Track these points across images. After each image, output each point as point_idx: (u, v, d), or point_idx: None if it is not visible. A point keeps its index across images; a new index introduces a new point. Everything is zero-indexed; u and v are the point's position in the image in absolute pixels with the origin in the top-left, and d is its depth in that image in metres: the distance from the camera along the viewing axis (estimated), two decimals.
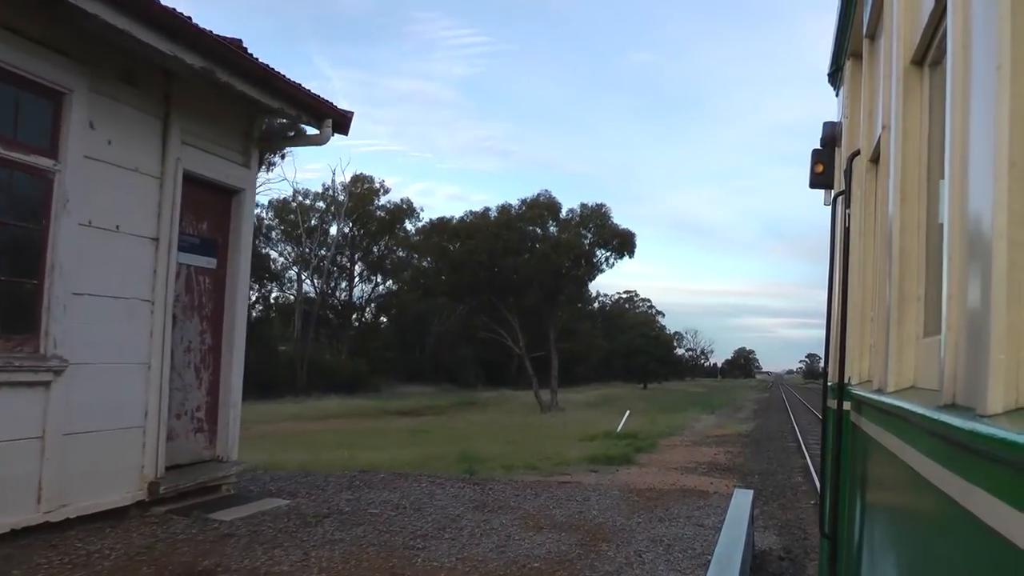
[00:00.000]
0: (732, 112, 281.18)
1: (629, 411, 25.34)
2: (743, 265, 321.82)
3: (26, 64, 4.89)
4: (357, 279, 72.46)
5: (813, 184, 3.81)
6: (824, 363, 3.89)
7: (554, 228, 43.73)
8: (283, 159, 52.82)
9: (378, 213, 69.01)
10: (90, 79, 5.33)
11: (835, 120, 3.81)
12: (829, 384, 3.62)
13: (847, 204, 3.15)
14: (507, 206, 43.84)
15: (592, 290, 78.38)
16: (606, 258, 44.37)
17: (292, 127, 7.07)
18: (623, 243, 43.95)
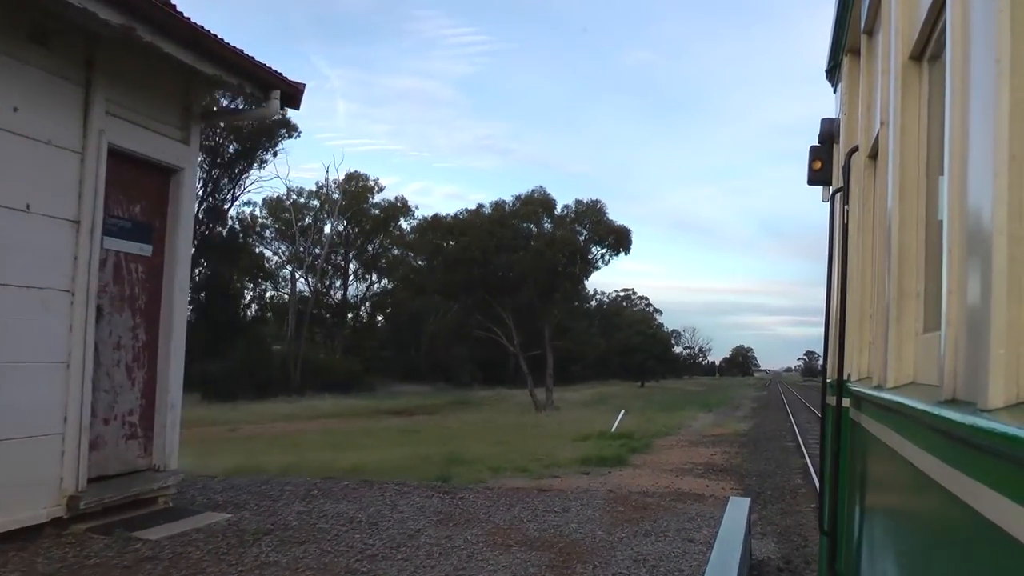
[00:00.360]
0: (730, 110, 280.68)
1: (624, 410, 24.88)
2: (741, 263, 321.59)
3: None
4: (352, 278, 72.39)
5: (811, 181, 3.76)
6: (823, 360, 3.85)
7: (549, 225, 43.29)
8: (275, 156, 52.16)
9: (373, 211, 68.70)
10: None
11: (833, 117, 3.78)
12: (828, 381, 3.56)
13: (845, 201, 3.12)
14: (501, 202, 43.42)
15: (589, 288, 78.46)
16: (601, 255, 44.01)
17: (238, 100, 6.36)
18: (619, 239, 43.50)
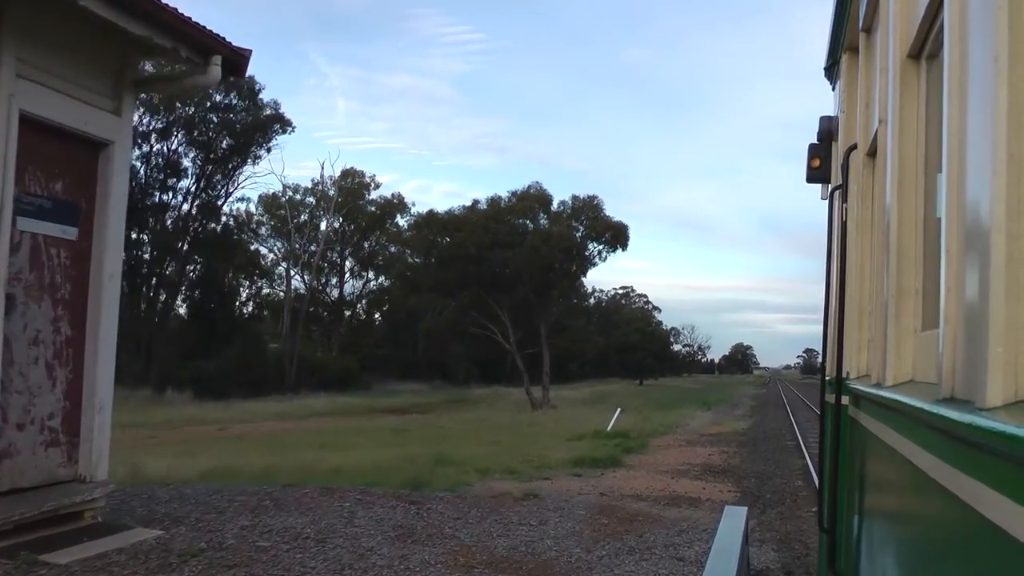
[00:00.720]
0: (729, 107, 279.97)
1: (620, 409, 24.28)
2: (741, 261, 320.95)
3: None
4: (348, 275, 71.83)
5: (810, 179, 3.75)
6: (822, 358, 3.84)
7: (545, 221, 42.65)
8: (269, 152, 51.40)
9: (369, 208, 68.11)
10: None
11: (832, 114, 3.76)
12: (827, 379, 3.55)
13: (844, 198, 3.10)
14: (496, 198, 42.77)
15: (587, 286, 77.85)
16: (598, 251, 43.32)
17: (177, 66, 5.71)
18: (616, 236, 42.82)
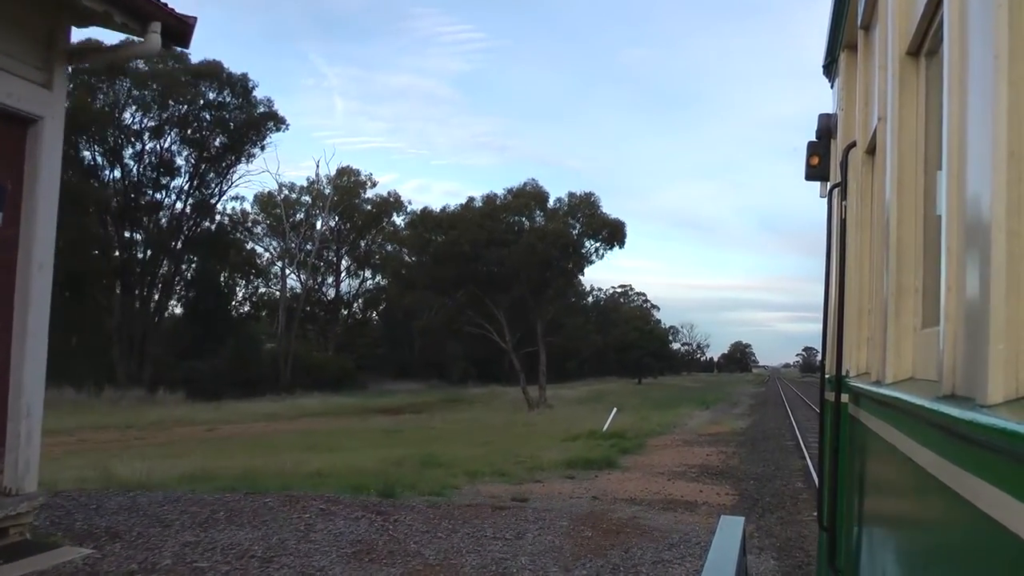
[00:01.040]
0: (728, 105, 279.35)
1: (617, 408, 23.85)
2: (740, 259, 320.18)
3: None
4: (344, 274, 71.36)
5: (809, 177, 3.74)
6: (821, 356, 3.83)
7: (541, 218, 42.17)
8: (263, 150, 50.83)
9: (365, 207, 67.59)
10: None
11: (831, 112, 3.75)
12: (827, 376, 3.53)
13: (843, 196, 3.09)
14: (492, 195, 42.27)
15: (586, 284, 77.40)
16: (595, 249, 42.86)
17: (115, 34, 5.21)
18: (613, 233, 42.34)
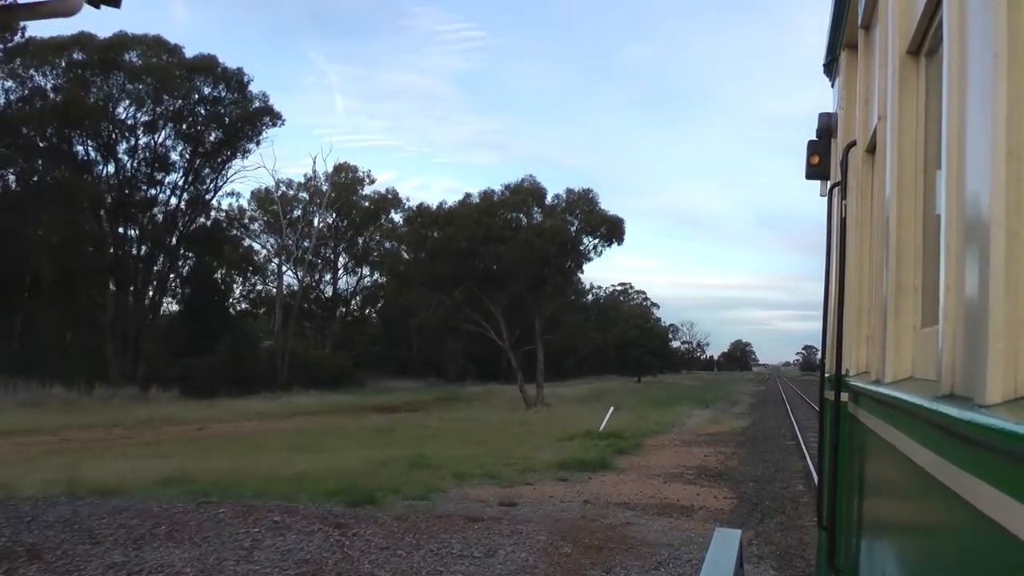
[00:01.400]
0: (728, 103, 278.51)
1: (613, 407, 23.46)
2: (740, 257, 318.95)
3: None
4: (342, 271, 70.91)
5: (809, 175, 3.77)
6: (821, 355, 3.84)
7: (539, 215, 41.77)
8: (258, 145, 50.42)
9: (363, 203, 67.14)
10: None
11: (831, 111, 3.78)
12: (826, 375, 3.55)
13: (843, 195, 3.09)
14: (489, 192, 41.89)
15: (585, 282, 76.95)
16: (593, 246, 42.45)
17: None
18: (611, 230, 41.93)
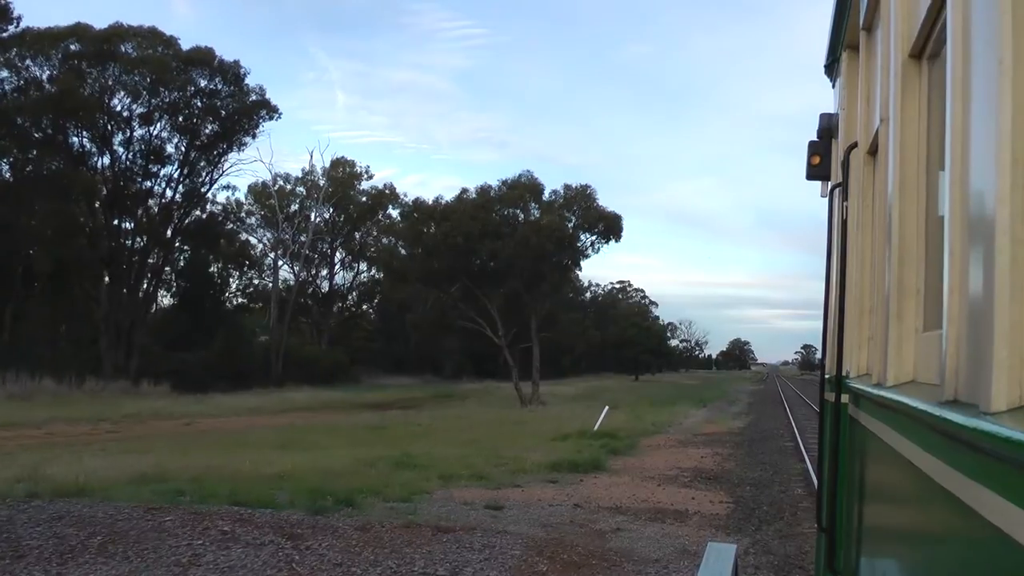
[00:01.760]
0: (728, 102, 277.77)
1: (609, 406, 22.94)
2: (739, 256, 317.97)
3: None
4: (338, 266, 70.43)
5: (810, 176, 3.77)
6: (821, 355, 3.86)
7: (536, 211, 41.32)
8: (255, 138, 50.14)
9: (360, 199, 66.65)
10: None
11: (832, 112, 3.80)
12: (827, 377, 3.51)
13: (844, 196, 3.05)
14: (486, 187, 41.42)
15: (584, 280, 76.58)
16: (591, 242, 42.06)
17: None
18: (609, 227, 41.52)
